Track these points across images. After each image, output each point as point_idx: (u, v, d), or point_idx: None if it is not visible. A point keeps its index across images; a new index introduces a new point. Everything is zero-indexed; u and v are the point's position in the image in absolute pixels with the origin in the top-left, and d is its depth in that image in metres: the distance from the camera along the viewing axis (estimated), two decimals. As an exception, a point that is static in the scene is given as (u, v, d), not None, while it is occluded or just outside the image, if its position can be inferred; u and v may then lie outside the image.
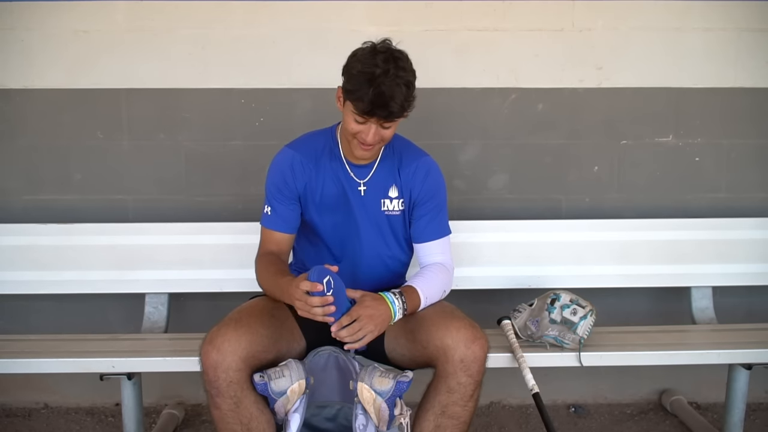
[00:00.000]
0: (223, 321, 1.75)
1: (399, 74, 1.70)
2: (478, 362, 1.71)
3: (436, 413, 1.75)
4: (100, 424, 2.54)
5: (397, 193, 1.94)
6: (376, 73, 1.68)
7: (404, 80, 1.71)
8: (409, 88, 1.73)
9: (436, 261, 1.94)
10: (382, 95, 1.68)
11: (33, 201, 2.49)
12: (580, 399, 2.68)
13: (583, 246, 2.43)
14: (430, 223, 1.94)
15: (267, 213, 1.93)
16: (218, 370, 1.66)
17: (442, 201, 1.97)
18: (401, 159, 1.94)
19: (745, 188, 2.56)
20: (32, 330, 2.39)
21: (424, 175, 1.93)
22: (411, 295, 1.82)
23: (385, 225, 1.94)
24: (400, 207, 1.94)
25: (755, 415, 2.57)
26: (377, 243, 1.95)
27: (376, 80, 1.67)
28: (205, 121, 2.48)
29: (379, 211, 1.93)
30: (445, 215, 1.98)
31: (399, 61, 1.72)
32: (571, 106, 2.50)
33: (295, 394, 1.69)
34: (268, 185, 1.93)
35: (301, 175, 1.90)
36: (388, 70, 1.69)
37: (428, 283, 1.87)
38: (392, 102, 1.69)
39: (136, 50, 2.42)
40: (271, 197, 1.92)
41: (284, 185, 1.90)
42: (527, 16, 2.44)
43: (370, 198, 1.92)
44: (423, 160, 1.95)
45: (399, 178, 1.93)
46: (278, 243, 1.93)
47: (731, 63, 2.49)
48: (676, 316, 2.51)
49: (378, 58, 1.70)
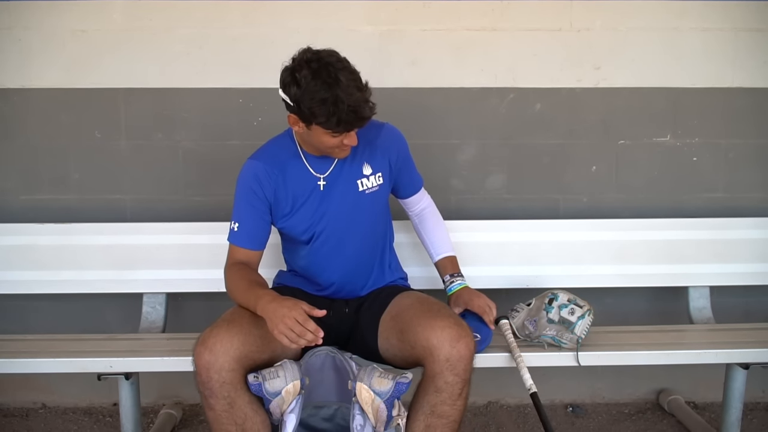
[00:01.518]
0: (216, 322, 1.75)
1: (348, 76, 1.66)
2: (464, 361, 1.70)
3: (426, 413, 1.75)
4: (98, 424, 2.53)
5: (371, 169, 1.93)
6: (330, 92, 1.63)
7: (355, 75, 1.68)
8: (362, 80, 1.69)
9: (424, 205, 2.14)
10: (351, 109, 1.65)
11: (31, 201, 2.49)
12: (578, 399, 2.68)
13: (581, 246, 2.43)
14: (411, 176, 2.07)
15: (234, 229, 1.89)
16: (211, 371, 1.65)
17: (410, 154, 2.05)
18: (365, 135, 1.88)
19: (742, 188, 2.57)
20: (30, 330, 2.39)
21: (395, 138, 1.98)
22: (454, 264, 2.09)
23: (366, 206, 1.94)
24: (378, 182, 1.94)
25: (752, 415, 2.58)
26: (360, 230, 1.95)
27: (336, 99, 1.63)
28: (203, 121, 2.48)
29: (356, 192, 1.91)
30: (414, 164, 2.08)
31: (336, 64, 1.67)
32: (569, 105, 2.51)
33: (290, 394, 1.69)
34: (237, 200, 1.90)
35: (268, 184, 1.88)
36: (339, 81, 1.64)
37: (447, 237, 2.14)
38: (362, 110, 1.67)
39: (134, 50, 2.42)
40: (239, 212, 1.89)
41: (254, 197, 1.87)
42: (525, 16, 2.44)
43: (330, 189, 1.90)
44: (385, 127, 1.97)
45: (374, 152, 1.92)
46: (246, 260, 1.90)
47: (729, 63, 2.49)
48: (673, 316, 2.51)
49: (320, 76, 1.64)
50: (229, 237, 1.91)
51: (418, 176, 2.11)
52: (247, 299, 1.78)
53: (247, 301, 1.78)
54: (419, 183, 2.12)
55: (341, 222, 1.92)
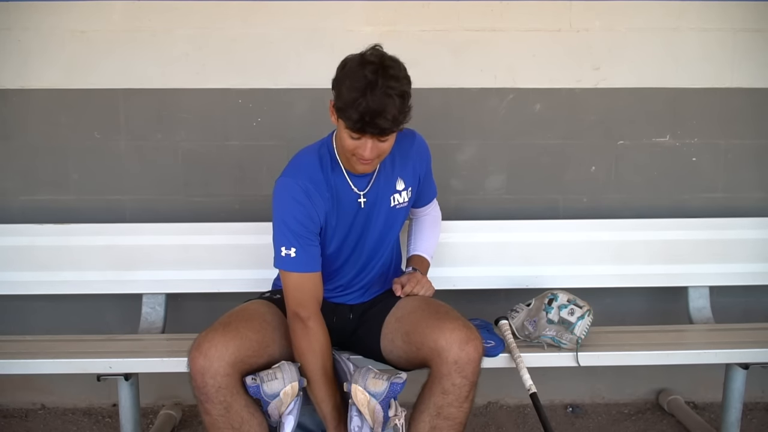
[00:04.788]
0: (212, 326, 1.73)
1: (390, 85, 1.58)
2: (473, 363, 1.70)
3: (432, 414, 1.74)
4: (98, 424, 2.53)
5: (404, 184, 1.91)
6: (363, 86, 1.57)
7: (397, 91, 1.60)
8: (404, 98, 1.62)
9: (427, 212, 2.11)
10: (371, 111, 1.57)
11: (30, 201, 2.48)
12: (578, 399, 2.68)
13: (581, 246, 2.43)
14: (429, 188, 2.05)
15: (290, 255, 1.73)
16: (206, 376, 1.65)
17: (431, 165, 2.02)
18: (401, 146, 1.84)
19: (741, 188, 2.57)
20: (29, 330, 2.39)
21: (424, 151, 1.96)
22: (423, 264, 2.03)
23: (393, 222, 1.92)
24: (407, 197, 1.92)
25: (752, 415, 2.58)
26: (381, 245, 1.93)
27: (365, 95, 1.57)
28: (202, 122, 2.48)
29: (388, 208, 1.89)
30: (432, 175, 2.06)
31: (389, 70, 1.60)
32: (569, 106, 2.51)
33: (289, 396, 1.68)
34: (288, 221, 1.74)
35: (321, 204, 1.77)
36: (377, 82, 1.57)
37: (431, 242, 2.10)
38: (383, 118, 1.58)
39: (134, 50, 2.41)
40: (293, 235, 1.73)
41: (308, 219, 1.75)
42: (525, 17, 2.44)
43: (370, 207, 1.86)
44: (417, 138, 1.94)
45: (406, 166, 1.89)
46: (313, 287, 1.77)
47: (728, 63, 2.49)
48: (673, 316, 2.51)
49: (366, 69, 1.59)
50: (286, 265, 1.75)
51: (433, 188, 2.08)
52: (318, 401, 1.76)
53: (317, 399, 1.75)
54: (433, 195, 2.09)
55: (373, 239, 1.90)
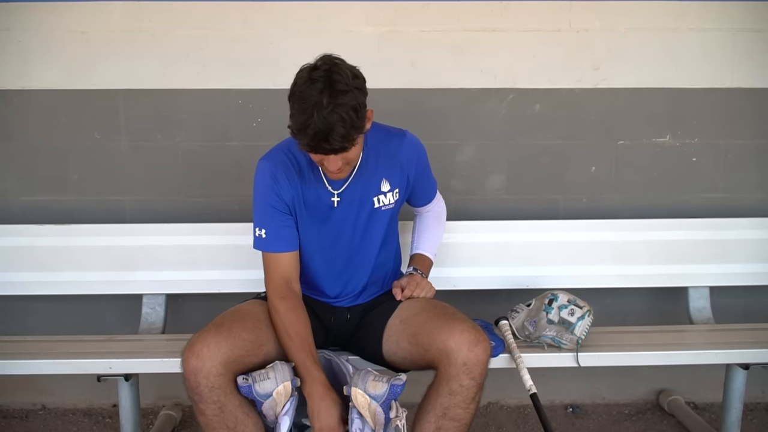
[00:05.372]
0: (205, 326, 1.73)
1: (337, 102, 1.53)
2: (481, 365, 1.70)
3: (438, 415, 1.74)
4: (98, 425, 2.53)
5: (390, 185, 1.88)
6: (310, 108, 1.53)
7: (345, 108, 1.54)
8: (356, 111, 1.56)
9: (431, 207, 2.10)
10: (320, 133, 1.54)
11: (30, 202, 2.48)
12: (578, 399, 2.68)
13: (581, 246, 2.43)
14: (427, 186, 2.04)
15: (261, 236, 1.80)
16: (199, 376, 1.64)
17: (428, 163, 2.00)
18: (386, 147, 1.84)
19: (742, 188, 2.57)
20: (29, 331, 2.38)
21: (415, 151, 1.91)
22: (425, 263, 2.03)
23: (378, 223, 1.90)
24: (394, 198, 1.89)
25: (752, 415, 2.58)
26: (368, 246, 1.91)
27: (312, 116, 1.53)
28: (202, 122, 2.48)
29: (371, 210, 1.87)
30: (431, 172, 2.04)
31: (336, 85, 1.55)
32: (569, 106, 2.51)
33: (282, 396, 1.68)
34: (257, 202, 1.81)
35: (287, 186, 1.80)
36: (322, 103, 1.53)
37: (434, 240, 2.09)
38: (331, 137, 1.55)
39: (134, 51, 2.41)
40: (262, 216, 1.81)
41: (277, 199, 1.80)
42: (524, 17, 2.44)
43: (346, 208, 1.85)
44: (406, 138, 1.89)
45: (392, 167, 1.86)
46: (285, 267, 1.82)
47: (728, 63, 2.49)
48: (673, 316, 2.51)
49: (312, 88, 1.54)
50: (258, 245, 1.82)
51: (433, 186, 2.06)
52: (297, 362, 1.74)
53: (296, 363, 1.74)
54: (433, 192, 2.08)
55: (354, 241, 1.89)
